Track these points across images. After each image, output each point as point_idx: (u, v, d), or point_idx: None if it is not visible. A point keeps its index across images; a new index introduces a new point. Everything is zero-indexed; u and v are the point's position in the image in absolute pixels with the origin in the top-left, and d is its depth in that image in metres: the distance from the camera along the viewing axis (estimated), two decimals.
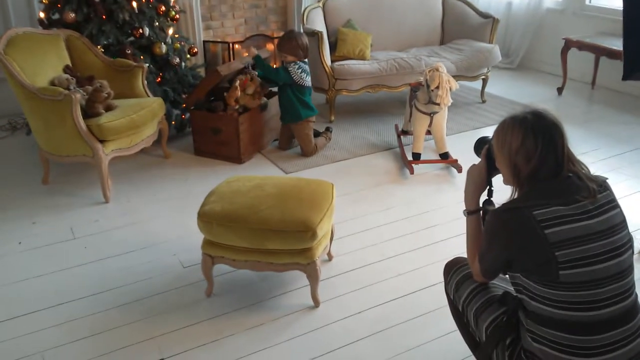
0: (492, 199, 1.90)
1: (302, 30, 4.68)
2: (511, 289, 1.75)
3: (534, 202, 1.56)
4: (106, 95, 3.54)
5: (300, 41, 4.07)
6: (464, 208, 1.93)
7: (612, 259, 1.53)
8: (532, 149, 1.58)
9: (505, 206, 1.64)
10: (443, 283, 2.05)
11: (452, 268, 2.00)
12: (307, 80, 4.13)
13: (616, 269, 1.54)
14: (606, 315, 1.53)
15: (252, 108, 4.09)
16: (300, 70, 4.05)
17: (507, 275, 1.75)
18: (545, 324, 1.57)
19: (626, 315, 1.56)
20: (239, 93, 4.00)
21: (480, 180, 1.88)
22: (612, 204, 1.61)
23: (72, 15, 3.93)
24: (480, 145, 1.92)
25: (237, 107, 4.02)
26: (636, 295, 1.62)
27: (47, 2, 4.07)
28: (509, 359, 1.69)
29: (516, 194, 1.70)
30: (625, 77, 2.29)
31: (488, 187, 1.90)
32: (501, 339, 1.72)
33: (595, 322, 1.53)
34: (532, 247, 1.54)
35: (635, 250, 2.91)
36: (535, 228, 1.52)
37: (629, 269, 1.58)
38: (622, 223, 1.60)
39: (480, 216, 1.89)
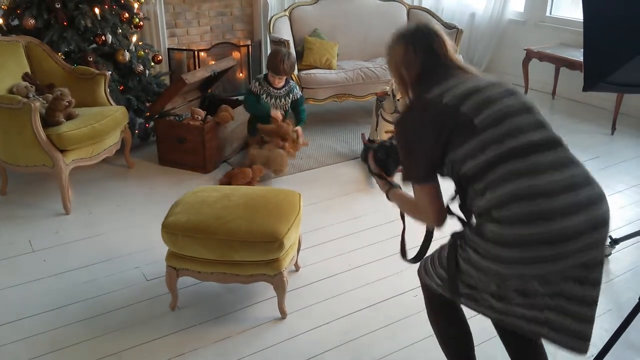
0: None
1: (269, 38, 4.65)
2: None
3: (428, 90, 1.65)
4: (67, 103, 3.45)
5: (272, 58, 4.01)
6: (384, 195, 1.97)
7: (527, 113, 1.63)
8: (412, 58, 1.73)
9: (403, 109, 1.75)
10: (413, 289, 2.05)
11: (423, 261, 1.98)
12: None
13: (529, 120, 1.63)
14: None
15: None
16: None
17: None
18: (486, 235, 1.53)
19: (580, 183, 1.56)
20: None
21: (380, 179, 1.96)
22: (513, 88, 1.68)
23: (32, 21, 3.84)
24: (366, 152, 2.00)
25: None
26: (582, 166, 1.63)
27: (6, 7, 3.97)
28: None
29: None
30: (585, 89, 2.31)
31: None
32: (456, 253, 1.67)
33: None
34: (444, 120, 1.58)
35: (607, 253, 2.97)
36: (439, 103, 1.59)
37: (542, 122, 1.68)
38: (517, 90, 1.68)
39: (398, 186, 1.92)
